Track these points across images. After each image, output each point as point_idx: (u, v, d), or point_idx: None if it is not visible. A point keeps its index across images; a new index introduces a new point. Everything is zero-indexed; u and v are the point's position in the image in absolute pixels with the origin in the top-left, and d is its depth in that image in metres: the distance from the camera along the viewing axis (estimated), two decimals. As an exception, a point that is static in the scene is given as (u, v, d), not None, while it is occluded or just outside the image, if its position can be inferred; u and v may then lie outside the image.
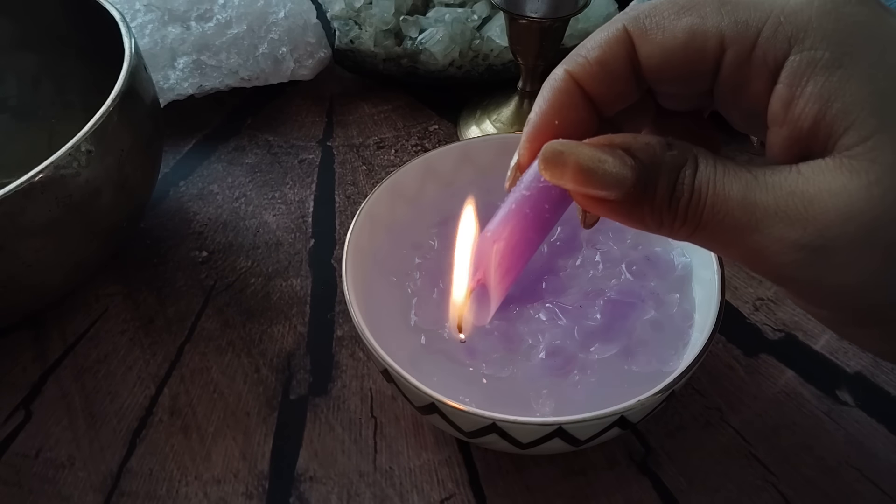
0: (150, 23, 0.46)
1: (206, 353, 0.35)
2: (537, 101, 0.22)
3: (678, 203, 0.19)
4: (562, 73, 0.22)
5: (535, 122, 0.22)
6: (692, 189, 0.19)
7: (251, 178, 0.45)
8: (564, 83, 0.22)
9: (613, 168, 0.19)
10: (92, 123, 0.31)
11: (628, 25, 0.21)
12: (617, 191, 0.19)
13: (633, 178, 0.19)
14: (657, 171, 0.19)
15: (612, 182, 0.19)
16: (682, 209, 0.19)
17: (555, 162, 0.20)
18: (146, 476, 0.30)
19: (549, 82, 0.22)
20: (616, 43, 0.21)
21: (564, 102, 0.22)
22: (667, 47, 0.20)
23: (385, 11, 0.47)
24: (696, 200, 0.19)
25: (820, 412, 0.31)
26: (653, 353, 0.29)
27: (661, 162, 0.19)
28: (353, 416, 0.32)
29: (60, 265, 0.33)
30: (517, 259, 0.24)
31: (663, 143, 0.20)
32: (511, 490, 0.29)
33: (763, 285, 0.37)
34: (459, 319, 0.27)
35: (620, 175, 0.19)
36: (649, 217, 0.20)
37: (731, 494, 0.29)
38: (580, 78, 0.22)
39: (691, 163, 0.19)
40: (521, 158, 0.23)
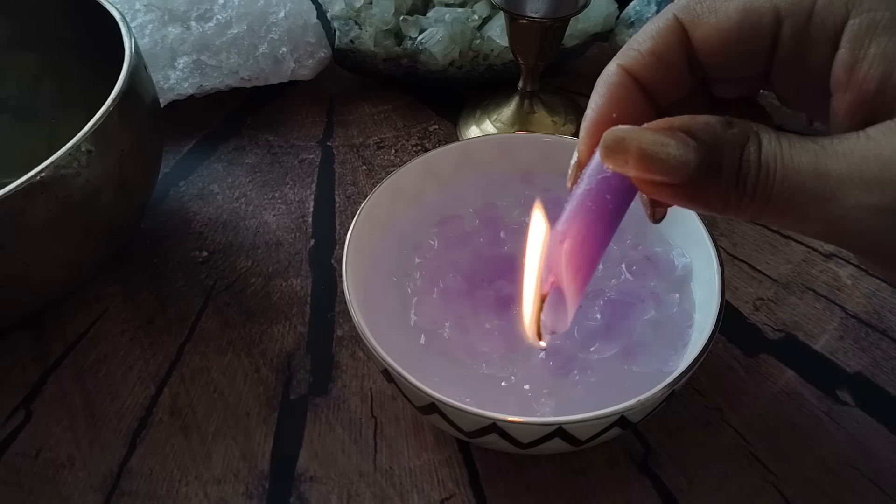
0: (150, 23, 0.46)
1: (206, 353, 0.35)
2: (592, 97, 0.22)
3: (745, 180, 0.19)
4: (615, 67, 0.22)
5: (592, 118, 0.22)
6: (759, 164, 0.19)
7: (251, 178, 0.45)
8: (619, 77, 0.22)
9: (676, 151, 0.19)
10: (92, 123, 0.31)
11: (679, 14, 0.21)
12: (681, 174, 0.19)
13: (697, 159, 0.19)
14: (720, 151, 0.19)
15: (675, 166, 0.19)
16: (750, 186, 0.19)
17: (616, 149, 0.20)
18: (146, 476, 0.30)
19: (603, 78, 0.22)
20: (668, 32, 0.21)
21: (620, 96, 0.22)
22: (722, 28, 0.21)
23: (385, 11, 0.47)
24: (764, 176, 0.19)
25: (820, 412, 0.31)
26: (653, 353, 0.29)
27: (724, 141, 0.19)
28: (353, 416, 0.32)
29: (60, 265, 0.33)
30: (587, 256, 0.23)
31: (723, 122, 0.19)
32: (511, 490, 0.29)
33: (763, 285, 0.37)
34: (536, 326, 0.26)
35: (684, 158, 0.19)
36: (716, 198, 0.19)
37: (731, 494, 0.29)
38: (634, 70, 0.22)
39: (754, 139, 0.19)
40: (580, 155, 0.23)
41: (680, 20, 0.21)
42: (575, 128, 0.46)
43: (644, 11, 0.48)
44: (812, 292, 0.37)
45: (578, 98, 0.50)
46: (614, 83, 0.22)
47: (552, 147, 0.36)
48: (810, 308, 0.36)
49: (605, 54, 0.53)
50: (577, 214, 0.22)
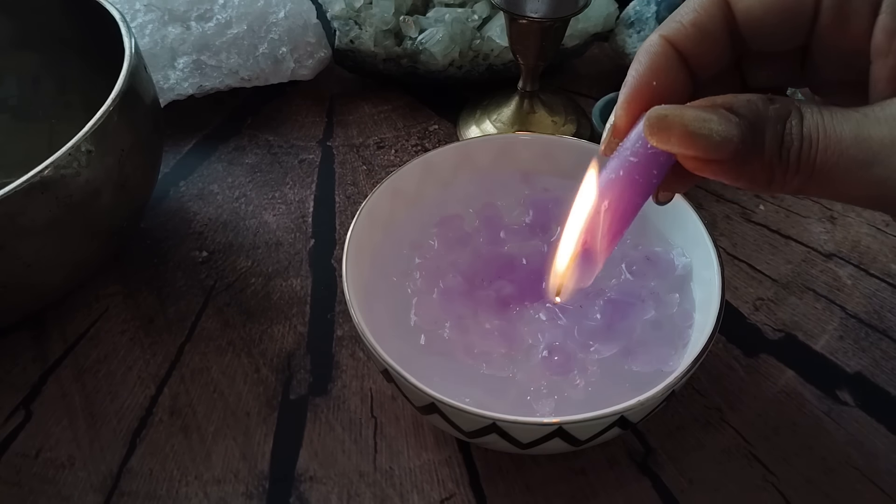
0: (150, 23, 0.47)
1: (206, 353, 0.35)
2: (633, 65, 0.23)
3: (788, 153, 0.19)
4: (657, 37, 0.22)
5: (632, 84, 0.22)
6: (801, 136, 0.19)
7: (251, 178, 0.45)
8: (661, 46, 0.22)
9: (719, 126, 0.19)
10: (92, 123, 0.31)
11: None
12: (725, 150, 0.19)
13: (740, 135, 0.19)
14: (763, 125, 0.19)
15: (718, 141, 0.19)
16: (793, 158, 0.19)
17: (660, 126, 0.20)
18: (146, 476, 0.30)
19: (645, 47, 0.23)
20: (710, 4, 0.22)
21: (661, 65, 0.22)
22: (764, 1, 0.21)
23: (385, 11, 0.47)
24: (807, 147, 0.19)
25: (820, 412, 0.31)
26: (653, 353, 0.29)
27: (766, 116, 0.19)
28: (353, 416, 0.32)
29: (60, 265, 0.33)
30: (624, 224, 0.24)
31: (765, 99, 0.20)
32: (511, 490, 0.29)
33: (763, 285, 0.37)
34: (560, 284, 0.27)
35: (727, 133, 0.19)
36: (759, 172, 0.20)
37: (731, 494, 0.29)
38: (676, 40, 0.22)
39: (796, 113, 0.19)
40: (617, 120, 0.23)
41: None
42: (575, 128, 0.46)
43: (644, 11, 0.48)
44: (812, 292, 0.37)
45: (578, 98, 0.50)
46: (656, 52, 0.22)
47: (552, 147, 0.36)
48: (810, 308, 0.36)
49: (605, 54, 0.53)
50: (622, 185, 0.22)
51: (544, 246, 0.33)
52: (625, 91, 0.23)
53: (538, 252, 0.32)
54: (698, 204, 0.30)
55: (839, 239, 0.39)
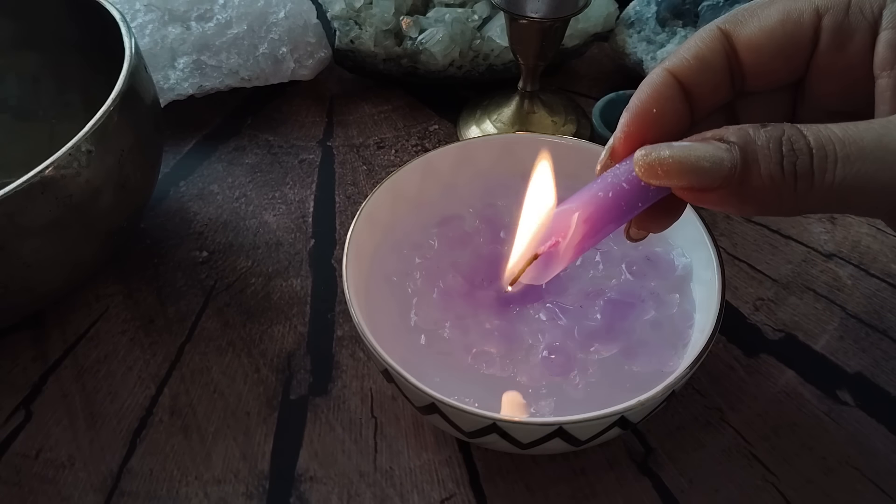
0: (151, 23, 0.46)
1: (206, 353, 0.35)
2: (636, 95, 0.24)
3: (794, 167, 0.19)
4: (660, 70, 0.23)
5: (633, 110, 0.23)
6: (810, 150, 0.19)
7: (251, 178, 0.45)
8: (663, 77, 0.23)
9: (706, 153, 0.20)
10: (92, 123, 0.31)
11: (722, 25, 0.23)
12: (717, 175, 0.20)
13: (731, 158, 0.19)
14: (753, 146, 0.20)
15: (708, 167, 0.19)
16: (803, 172, 0.19)
17: (648, 162, 0.21)
18: (146, 476, 0.30)
19: (648, 78, 0.24)
20: (712, 39, 0.23)
21: (662, 94, 0.23)
22: (765, 27, 0.22)
23: (385, 11, 0.47)
24: (821, 157, 0.19)
25: (820, 412, 0.31)
26: (653, 353, 0.29)
27: (756, 137, 0.20)
28: (353, 416, 0.32)
29: (60, 265, 0.33)
30: (594, 240, 0.24)
31: (756, 125, 0.20)
32: (511, 490, 0.29)
33: (763, 285, 0.37)
34: (516, 276, 0.27)
35: (716, 158, 0.19)
36: (763, 193, 0.20)
37: (731, 494, 0.29)
38: (678, 72, 0.23)
39: (793, 130, 0.19)
40: (615, 143, 0.24)
41: (723, 29, 0.23)
42: (575, 128, 0.46)
43: (644, 11, 0.48)
44: (812, 292, 0.37)
45: (578, 98, 0.50)
46: (658, 82, 0.23)
47: (552, 147, 0.36)
48: (810, 308, 0.36)
49: (605, 54, 0.53)
50: (606, 206, 0.23)
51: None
52: (625, 117, 0.23)
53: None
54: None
55: (839, 239, 0.39)
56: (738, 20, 0.23)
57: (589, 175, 0.35)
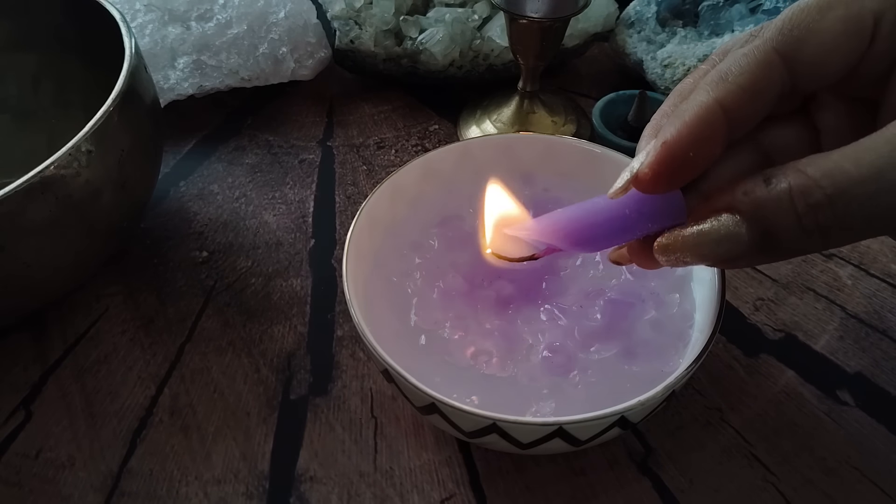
0: (151, 23, 0.47)
1: (206, 353, 0.35)
2: (675, 121, 0.21)
3: (816, 220, 0.18)
4: (712, 102, 0.20)
5: (671, 148, 0.21)
6: (829, 202, 0.18)
7: (251, 178, 0.45)
8: (713, 115, 0.20)
9: (723, 233, 0.19)
10: (92, 123, 0.31)
11: (779, 48, 0.20)
12: (737, 249, 0.19)
13: (747, 232, 0.19)
14: (765, 213, 0.19)
15: (730, 246, 0.19)
16: (825, 221, 0.18)
17: (668, 251, 0.21)
18: (146, 476, 0.30)
19: (696, 109, 0.21)
20: (769, 67, 0.21)
21: (707, 136, 0.21)
22: (828, 43, 0.20)
23: (385, 11, 0.47)
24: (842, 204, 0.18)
25: (820, 412, 0.31)
26: (653, 353, 0.29)
27: (767, 202, 0.19)
28: (353, 416, 0.32)
29: (60, 265, 0.33)
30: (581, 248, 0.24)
31: (758, 180, 0.19)
32: (511, 490, 0.29)
33: (763, 285, 0.37)
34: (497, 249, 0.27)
35: (732, 236, 0.19)
36: (791, 249, 0.19)
37: (732, 494, 0.29)
38: (729, 105, 0.20)
39: (796, 178, 0.18)
40: (642, 175, 0.21)
41: (781, 53, 0.20)
42: (575, 128, 0.46)
43: (644, 11, 0.48)
44: (812, 292, 0.37)
45: (578, 98, 0.50)
46: (707, 120, 0.20)
47: (552, 147, 0.36)
48: (810, 308, 0.36)
49: (605, 54, 0.53)
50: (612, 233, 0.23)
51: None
52: (661, 151, 0.21)
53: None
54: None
55: (839, 239, 0.39)
56: (795, 38, 0.20)
57: (589, 175, 0.35)
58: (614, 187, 0.22)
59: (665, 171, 0.21)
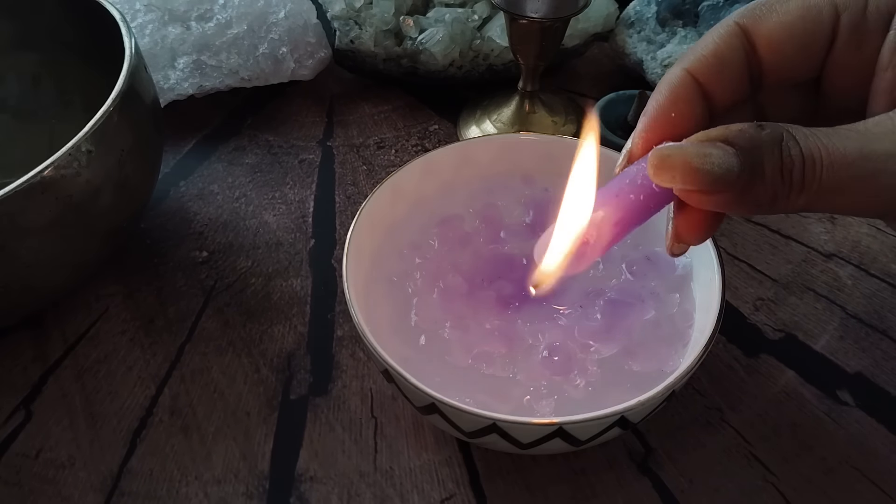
0: (150, 23, 0.46)
1: (206, 353, 0.35)
2: (653, 96, 0.23)
3: (791, 174, 0.20)
4: (679, 70, 0.23)
5: (652, 114, 0.23)
6: (802, 157, 0.20)
7: (251, 178, 0.45)
8: (681, 78, 0.23)
9: (719, 159, 0.20)
10: (92, 123, 0.31)
11: (739, 20, 0.23)
12: (727, 181, 0.20)
13: (739, 164, 0.20)
14: (759, 152, 0.20)
15: (720, 174, 0.20)
16: (797, 178, 0.20)
17: (663, 166, 0.21)
18: (146, 476, 0.30)
19: (666, 78, 0.23)
20: (730, 36, 0.23)
21: (681, 96, 0.23)
22: (784, 23, 0.22)
23: (385, 11, 0.47)
24: (810, 166, 0.19)
25: (820, 412, 0.31)
26: (653, 353, 0.29)
27: (760, 142, 0.20)
28: (353, 416, 0.32)
29: (60, 265, 0.33)
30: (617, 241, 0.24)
31: (755, 125, 0.20)
32: (511, 490, 0.29)
33: (763, 285, 0.37)
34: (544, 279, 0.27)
35: (727, 165, 0.20)
36: (762, 197, 0.20)
37: (731, 494, 0.29)
38: (697, 72, 0.23)
39: (788, 136, 0.20)
40: (633, 147, 0.24)
41: (741, 25, 0.23)
42: (575, 128, 0.46)
43: (644, 11, 0.48)
44: (812, 292, 0.37)
45: (578, 98, 0.50)
46: (676, 84, 0.23)
47: (552, 147, 0.36)
48: (810, 308, 0.36)
49: (605, 54, 0.53)
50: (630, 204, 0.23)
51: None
52: (643, 120, 0.23)
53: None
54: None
55: (839, 239, 0.39)
56: (756, 15, 0.23)
57: (589, 175, 0.35)
58: (617, 166, 0.24)
59: (652, 136, 0.23)
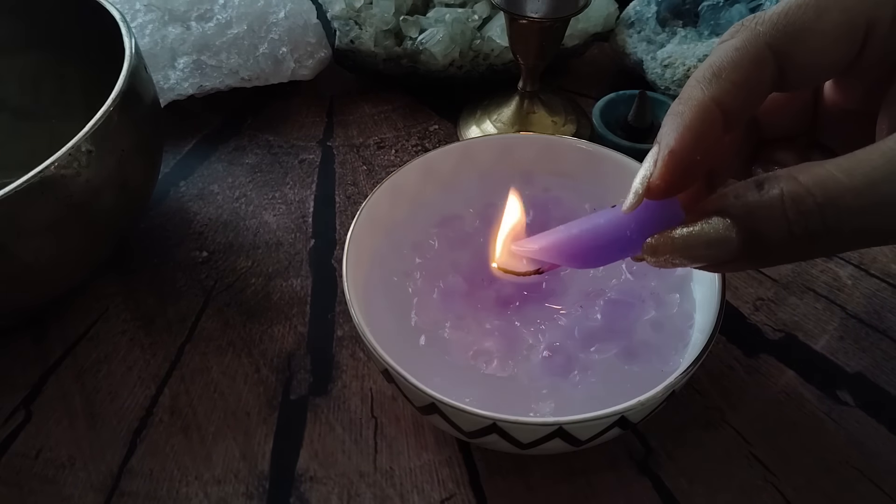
0: (151, 23, 0.46)
1: (206, 353, 0.35)
2: (674, 126, 0.21)
3: (806, 227, 0.18)
4: (708, 100, 0.20)
5: (678, 155, 0.20)
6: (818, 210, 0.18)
7: (251, 178, 0.45)
8: (710, 114, 0.20)
9: (715, 235, 0.19)
10: (92, 123, 0.31)
11: (773, 43, 0.20)
12: (727, 252, 0.19)
13: (737, 233, 0.19)
14: (754, 216, 0.19)
15: (718, 251, 0.19)
16: (801, 230, 0.18)
17: (659, 252, 0.20)
18: (146, 476, 0.30)
19: (693, 109, 0.20)
20: (761, 62, 0.21)
21: (709, 135, 0.20)
22: (819, 44, 0.21)
23: (385, 11, 0.47)
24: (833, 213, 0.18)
25: (820, 412, 0.31)
26: (653, 353, 0.29)
27: (759, 206, 0.19)
28: (353, 416, 0.32)
29: (60, 265, 0.33)
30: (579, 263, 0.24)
31: (752, 185, 0.19)
32: (511, 490, 0.29)
33: (763, 285, 0.37)
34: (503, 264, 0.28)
35: (722, 238, 0.19)
36: (775, 256, 0.19)
37: (732, 494, 0.29)
38: (724, 103, 0.20)
39: (789, 185, 0.18)
40: (654, 187, 0.21)
41: (775, 50, 0.20)
42: (575, 128, 0.46)
43: (644, 11, 0.48)
44: (812, 292, 0.37)
45: (578, 98, 0.50)
46: (706, 120, 0.20)
47: (552, 147, 0.36)
48: (810, 308, 0.36)
49: (605, 54, 0.53)
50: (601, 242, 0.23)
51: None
52: (667, 162, 0.20)
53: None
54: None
55: (839, 239, 0.39)
56: (789, 35, 0.20)
57: (589, 175, 0.35)
58: (627, 202, 0.22)
59: (676, 179, 0.20)
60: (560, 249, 0.24)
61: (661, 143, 0.21)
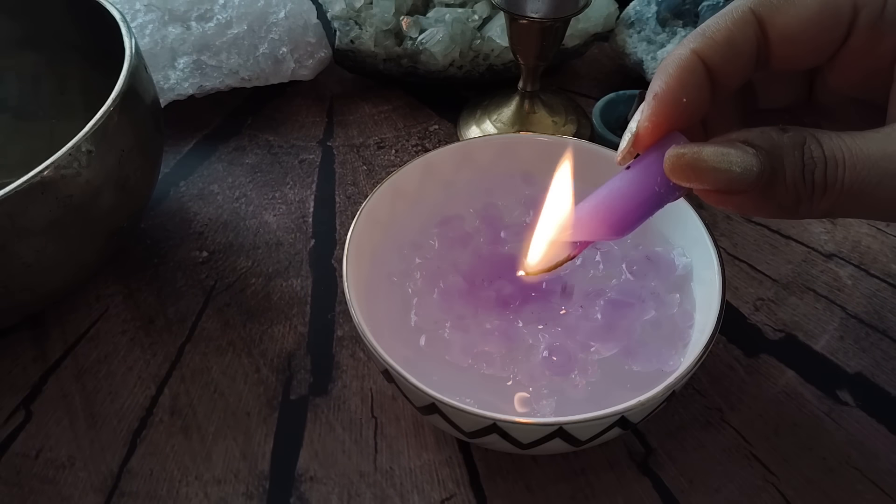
0: (151, 23, 0.46)
1: (206, 353, 0.35)
2: (660, 76, 0.22)
3: (813, 175, 0.20)
4: (689, 52, 0.22)
5: (662, 97, 0.22)
6: (825, 159, 0.20)
7: (251, 178, 0.45)
8: (692, 62, 0.22)
9: (738, 158, 0.20)
10: (92, 123, 0.31)
11: (755, 8, 0.22)
12: (746, 181, 0.20)
13: (759, 164, 0.20)
14: (780, 153, 0.20)
15: (739, 173, 0.20)
16: (819, 180, 0.20)
17: (681, 165, 0.21)
18: (146, 476, 0.30)
19: (676, 60, 0.22)
20: (744, 23, 0.22)
21: (691, 81, 0.22)
22: (802, 18, 0.22)
23: (385, 11, 0.47)
24: (832, 166, 0.20)
25: (820, 412, 0.31)
26: (653, 353, 0.29)
27: (782, 144, 0.20)
28: (353, 416, 0.32)
29: (60, 265, 0.33)
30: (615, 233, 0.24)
31: (778, 129, 0.20)
32: (511, 490, 0.29)
33: (763, 285, 0.37)
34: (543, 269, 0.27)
35: (747, 164, 0.20)
36: (785, 198, 0.20)
37: (732, 494, 0.29)
38: (708, 57, 0.22)
39: (811, 138, 0.20)
40: (641, 131, 0.22)
41: (756, 13, 0.22)
42: (575, 128, 0.46)
43: (644, 11, 0.48)
44: (812, 292, 0.37)
45: (578, 98, 0.50)
46: (686, 67, 0.22)
47: (552, 147, 0.36)
48: (811, 308, 0.36)
49: (605, 54, 0.53)
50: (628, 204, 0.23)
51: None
52: (652, 104, 0.22)
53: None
54: (699, 204, 0.30)
55: (839, 239, 0.39)
56: (773, 5, 0.22)
57: (589, 174, 0.35)
58: (619, 150, 0.23)
59: (662, 120, 0.22)
60: (602, 225, 0.24)
61: (649, 92, 0.22)
